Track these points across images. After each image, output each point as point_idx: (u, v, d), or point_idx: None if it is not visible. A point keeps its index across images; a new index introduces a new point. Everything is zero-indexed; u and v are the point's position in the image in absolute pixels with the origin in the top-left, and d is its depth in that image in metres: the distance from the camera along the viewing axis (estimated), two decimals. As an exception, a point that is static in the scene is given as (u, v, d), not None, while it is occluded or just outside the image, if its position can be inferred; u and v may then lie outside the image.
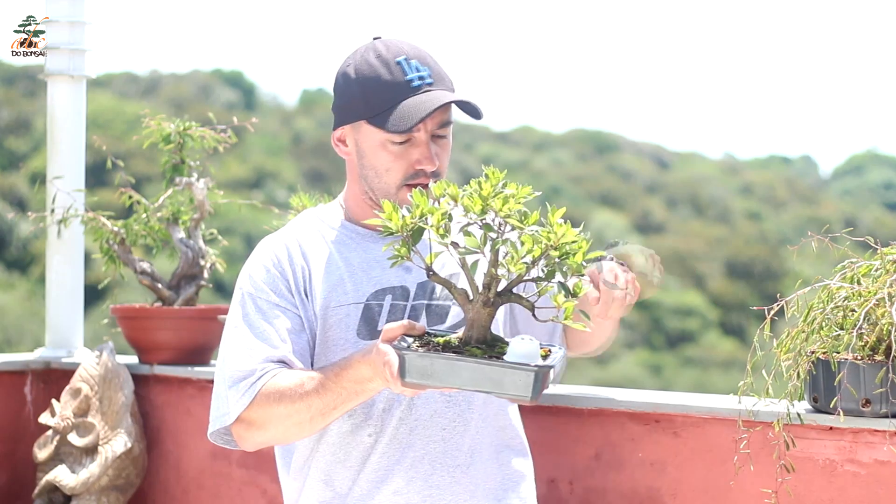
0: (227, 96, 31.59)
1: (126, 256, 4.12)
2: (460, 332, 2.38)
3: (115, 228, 4.11)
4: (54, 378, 4.24)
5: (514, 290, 2.35)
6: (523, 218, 2.30)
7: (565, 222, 2.29)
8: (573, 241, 2.28)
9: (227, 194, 4.22)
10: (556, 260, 2.28)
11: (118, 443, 3.95)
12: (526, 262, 2.27)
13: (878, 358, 2.60)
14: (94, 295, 4.61)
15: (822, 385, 2.67)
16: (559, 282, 2.30)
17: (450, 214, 2.32)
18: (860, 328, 2.60)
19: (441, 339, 2.36)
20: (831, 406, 2.64)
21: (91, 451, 3.95)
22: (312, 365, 2.66)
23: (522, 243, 2.27)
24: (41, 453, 4.00)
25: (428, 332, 2.42)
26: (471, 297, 2.35)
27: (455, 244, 2.32)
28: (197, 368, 4.01)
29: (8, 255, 22.72)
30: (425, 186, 2.61)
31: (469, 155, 32.47)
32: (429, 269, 2.37)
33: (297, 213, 3.75)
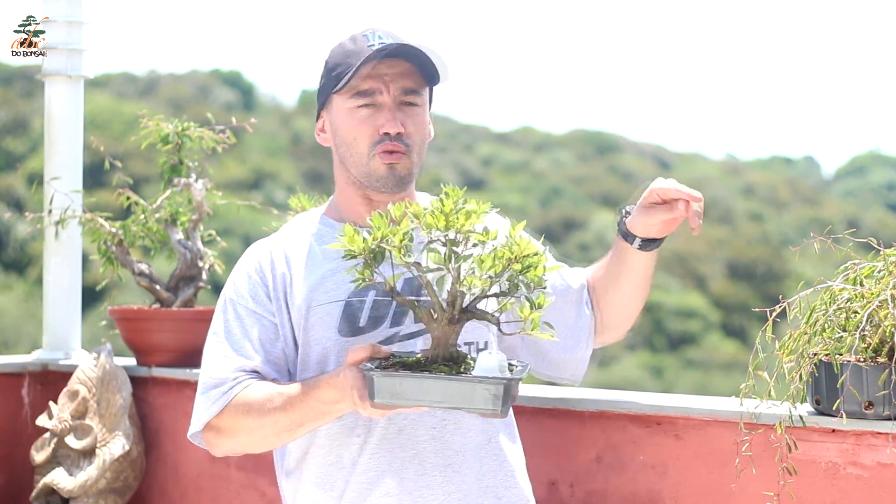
0: (226, 96, 31.64)
1: (124, 258, 4.12)
2: (424, 352, 2.41)
3: (113, 229, 4.11)
4: (52, 380, 4.24)
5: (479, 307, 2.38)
6: (485, 233, 2.33)
7: (518, 240, 2.33)
8: (534, 255, 2.32)
9: (226, 195, 4.22)
10: (519, 274, 2.31)
11: (116, 445, 3.94)
12: (490, 277, 2.30)
13: (881, 360, 2.59)
14: (91, 296, 4.60)
15: (824, 387, 2.66)
16: (524, 295, 2.33)
17: (411, 234, 2.34)
18: (863, 330, 2.59)
19: (408, 360, 2.39)
20: (834, 408, 2.62)
21: (89, 453, 3.94)
22: (295, 368, 2.68)
23: (482, 260, 2.31)
24: (38, 456, 3.99)
25: (393, 355, 2.45)
26: (435, 316, 2.37)
27: (417, 264, 2.34)
28: (195, 370, 3.99)
29: (5, 256, 22.75)
30: (392, 153, 2.65)
31: (469, 155, 32.51)
32: (391, 290, 2.40)
33: (296, 214, 3.74)
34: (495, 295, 2.34)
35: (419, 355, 2.40)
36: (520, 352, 2.79)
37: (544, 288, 2.33)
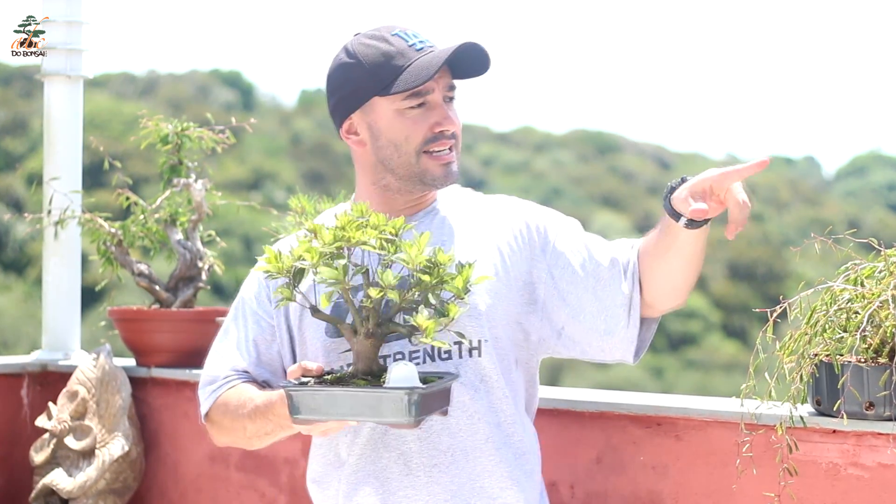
0: (226, 96, 31.62)
1: (123, 258, 4.11)
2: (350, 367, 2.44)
3: (113, 230, 4.10)
4: (51, 381, 4.24)
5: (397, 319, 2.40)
6: (389, 246, 2.34)
7: (435, 252, 2.33)
8: (441, 265, 2.32)
9: (226, 195, 4.21)
10: (431, 285, 2.32)
11: (115, 446, 3.93)
12: (394, 291, 2.31)
13: (882, 360, 2.58)
14: (91, 297, 4.60)
15: (825, 388, 2.65)
16: (433, 306, 2.34)
17: (336, 250, 2.35)
18: (864, 330, 2.58)
19: (334, 377, 2.42)
20: (834, 409, 2.61)
21: (88, 454, 3.94)
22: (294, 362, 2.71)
23: (378, 274, 2.32)
24: (38, 457, 3.99)
25: (332, 371, 2.48)
26: (356, 331, 2.40)
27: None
28: (195, 371, 3.99)
29: (4, 256, 22.72)
30: (448, 152, 2.65)
31: (469, 156, 32.48)
32: (313, 308, 2.44)
33: (296, 214, 3.73)
34: (408, 307, 2.35)
35: (349, 370, 2.43)
36: (556, 347, 2.73)
37: (462, 298, 2.33)
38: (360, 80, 2.65)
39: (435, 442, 2.61)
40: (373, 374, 2.39)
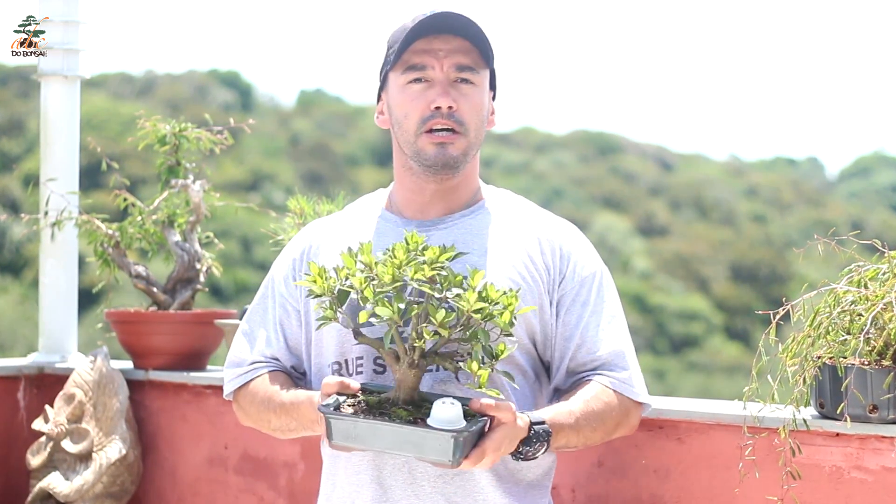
0: (224, 97, 31.61)
1: (121, 260, 4.10)
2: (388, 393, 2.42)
3: (110, 231, 4.10)
4: (48, 383, 4.23)
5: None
6: (443, 282, 2.34)
7: (484, 286, 2.32)
8: (495, 304, 2.32)
9: (224, 196, 4.21)
10: (481, 322, 2.32)
11: (113, 449, 3.92)
12: (446, 329, 2.31)
13: (886, 363, 2.58)
14: (88, 299, 4.59)
15: (828, 391, 2.65)
16: (482, 345, 2.33)
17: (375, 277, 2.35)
18: (867, 333, 2.58)
19: (372, 399, 2.40)
20: (838, 412, 2.61)
21: (85, 457, 3.93)
22: (310, 351, 2.69)
23: (430, 314, 2.32)
24: (34, 460, 3.97)
25: (364, 389, 2.45)
26: (399, 359, 2.38)
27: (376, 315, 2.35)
28: (193, 374, 3.99)
29: (0, 258, 22.73)
30: (443, 131, 2.59)
31: (471, 157, 32.41)
32: (356, 332, 2.43)
33: (295, 215, 3.72)
34: (455, 341, 2.35)
35: (385, 394, 2.41)
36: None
37: (510, 334, 2.33)
38: (383, 59, 2.68)
39: None
40: (414, 404, 2.38)
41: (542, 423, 2.49)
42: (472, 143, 2.63)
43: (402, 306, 2.32)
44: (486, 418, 2.38)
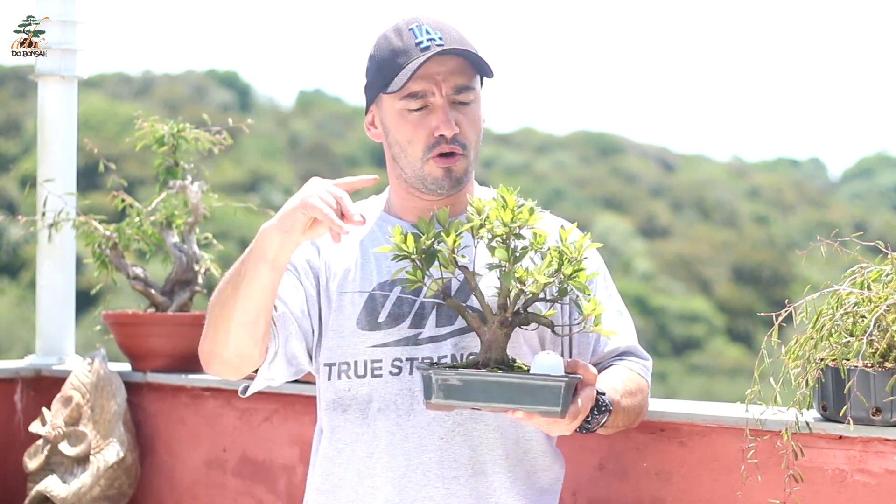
0: (222, 97, 31.63)
1: (118, 261, 4.09)
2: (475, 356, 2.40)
3: (108, 233, 4.09)
4: (45, 386, 4.23)
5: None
6: (540, 235, 2.36)
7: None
8: (584, 258, 2.34)
9: (222, 197, 4.20)
10: (567, 279, 2.33)
11: (110, 452, 3.91)
12: (551, 274, 2.31)
13: (889, 365, 2.57)
14: (85, 301, 4.58)
15: (831, 393, 2.64)
16: (573, 300, 2.36)
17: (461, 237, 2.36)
18: (870, 335, 2.57)
19: (460, 364, 2.41)
20: (841, 414, 2.61)
21: (83, 460, 3.92)
22: (315, 344, 2.65)
23: (542, 257, 2.32)
24: (31, 463, 3.97)
25: (432, 361, 2.48)
26: (486, 320, 2.36)
27: (464, 268, 2.37)
28: (191, 376, 3.98)
29: (-2, 260, 22.75)
30: (450, 156, 2.60)
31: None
32: (445, 294, 2.41)
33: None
34: (544, 300, 2.35)
35: (472, 357, 2.40)
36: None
37: (587, 292, 2.36)
38: (373, 74, 2.66)
39: (456, 453, 2.59)
40: (506, 364, 2.36)
41: (604, 394, 2.51)
42: (473, 158, 2.66)
43: (522, 244, 2.32)
44: (578, 375, 2.38)
